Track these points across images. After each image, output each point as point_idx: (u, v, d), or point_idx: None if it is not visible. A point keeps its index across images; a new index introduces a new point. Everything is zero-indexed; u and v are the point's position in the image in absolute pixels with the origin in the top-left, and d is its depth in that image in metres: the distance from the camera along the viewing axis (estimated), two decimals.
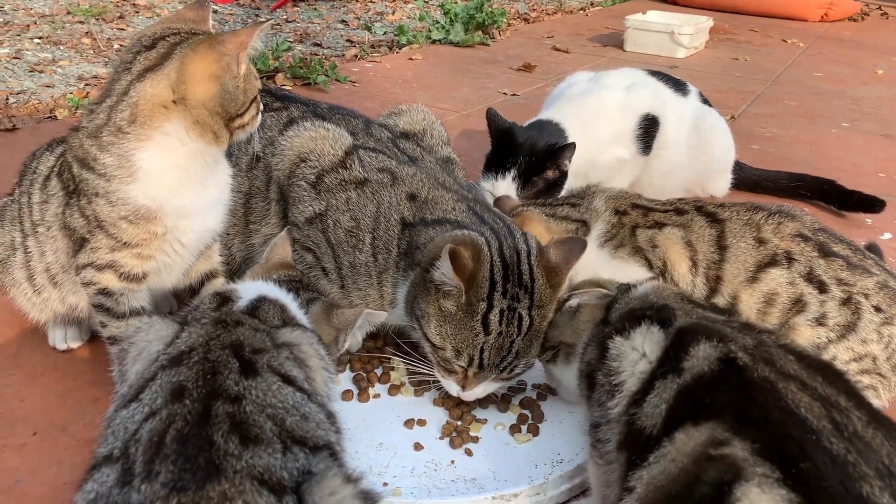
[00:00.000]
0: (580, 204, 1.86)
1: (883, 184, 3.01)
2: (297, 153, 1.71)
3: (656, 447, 1.01)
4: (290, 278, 1.53)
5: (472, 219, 1.58)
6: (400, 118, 1.97)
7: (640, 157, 2.52)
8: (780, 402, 0.97)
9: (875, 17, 7.36)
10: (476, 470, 1.44)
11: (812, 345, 1.60)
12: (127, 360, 1.20)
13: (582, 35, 5.73)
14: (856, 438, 0.93)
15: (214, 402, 0.98)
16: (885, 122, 3.85)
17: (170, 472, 0.89)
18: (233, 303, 1.26)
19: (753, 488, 0.87)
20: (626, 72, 2.66)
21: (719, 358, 1.06)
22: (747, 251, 1.69)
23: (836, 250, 1.67)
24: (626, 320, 1.24)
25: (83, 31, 4.65)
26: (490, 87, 4.14)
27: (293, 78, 3.88)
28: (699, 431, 0.97)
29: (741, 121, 3.73)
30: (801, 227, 1.70)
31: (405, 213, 1.62)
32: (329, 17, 5.74)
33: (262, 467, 0.91)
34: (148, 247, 1.49)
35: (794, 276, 1.64)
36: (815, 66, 5.09)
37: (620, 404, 1.14)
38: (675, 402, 1.04)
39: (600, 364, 1.23)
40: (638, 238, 1.77)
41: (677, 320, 1.19)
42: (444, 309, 1.45)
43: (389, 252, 1.62)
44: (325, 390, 1.19)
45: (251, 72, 1.47)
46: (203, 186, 1.50)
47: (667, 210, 1.82)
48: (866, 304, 1.60)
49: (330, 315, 1.45)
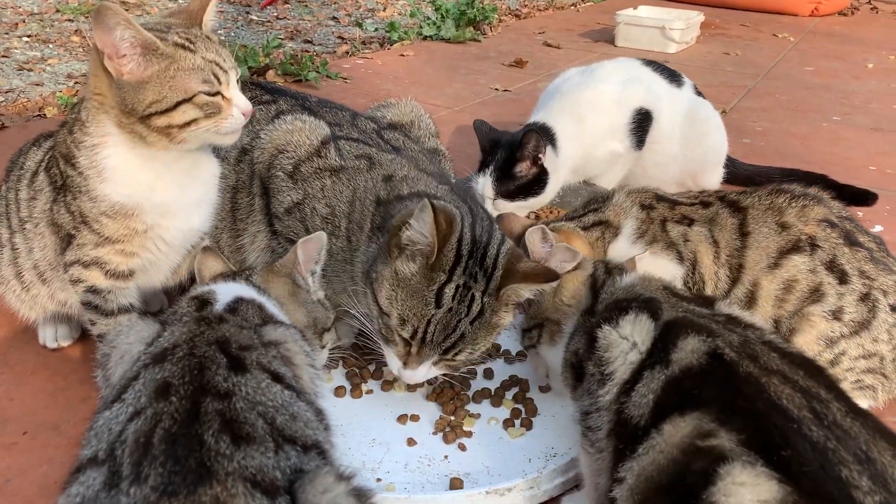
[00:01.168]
0: (601, 207, 1.79)
1: (874, 177, 3.01)
2: (275, 146, 1.72)
3: (645, 438, 1.03)
4: (225, 275, 1.44)
5: (452, 197, 1.58)
6: (388, 110, 1.98)
7: (633, 152, 2.52)
8: (763, 395, 1.00)
9: (865, 11, 7.38)
10: (470, 465, 1.44)
11: (825, 338, 1.55)
12: (110, 363, 1.18)
13: (573, 31, 5.73)
14: (835, 427, 0.97)
15: (203, 398, 0.96)
16: (875, 116, 3.86)
17: (159, 474, 0.87)
18: (212, 305, 1.25)
19: (737, 466, 0.91)
20: (620, 63, 2.65)
21: (707, 352, 1.09)
22: (770, 237, 1.62)
23: (862, 241, 1.61)
24: (613, 310, 1.25)
25: (72, 29, 4.62)
26: (481, 83, 4.13)
27: (284, 75, 3.86)
28: (686, 422, 0.99)
29: (732, 115, 3.74)
30: (827, 213, 1.63)
31: (380, 193, 1.61)
32: (320, 14, 5.73)
33: (254, 468, 0.88)
34: (130, 243, 1.47)
35: (815, 263, 1.57)
36: (805, 60, 5.10)
37: (611, 392, 1.16)
38: (662, 393, 1.07)
39: (589, 354, 1.24)
40: (670, 233, 1.70)
41: (664, 313, 1.21)
42: (401, 273, 1.42)
43: (362, 230, 1.61)
44: (311, 388, 1.18)
45: (169, 69, 1.33)
46: (183, 185, 1.47)
47: (693, 203, 1.75)
48: (884, 301, 1.55)
49: (273, 269, 1.43)
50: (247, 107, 1.43)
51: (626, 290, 1.33)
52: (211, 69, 1.37)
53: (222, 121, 1.39)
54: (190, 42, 1.37)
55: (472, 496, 1.33)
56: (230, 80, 1.40)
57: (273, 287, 1.40)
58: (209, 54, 1.37)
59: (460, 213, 1.47)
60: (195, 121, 1.37)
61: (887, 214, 2.66)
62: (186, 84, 1.34)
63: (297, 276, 1.42)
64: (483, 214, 1.57)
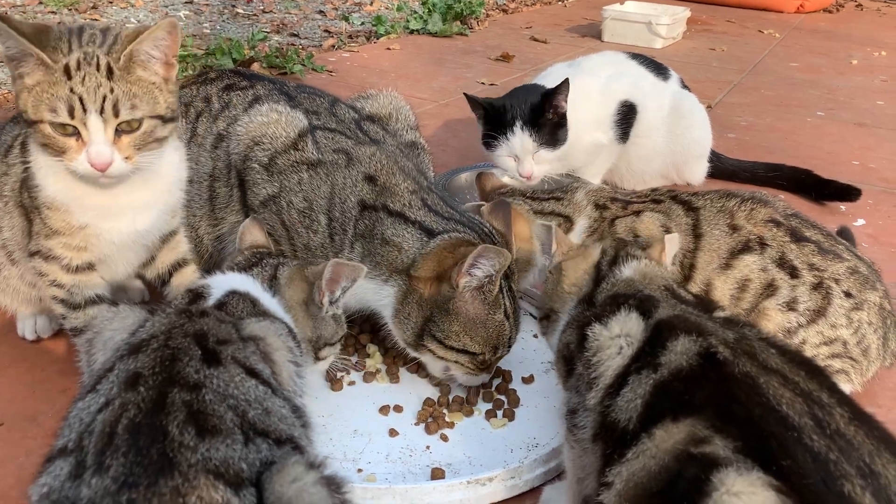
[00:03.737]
0: (563, 198, 1.85)
1: (857, 171, 3.03)
2: (250, 137, 1.70)
3: (635, 442, 0.99)
4: (256, 252, 1.47)
5: (430, 216, 1.58)
6: (367, 102, 1.97)
7: (617, 144, 2.52)
8: (761, 399, 0.95)
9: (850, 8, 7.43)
10: (451, 455, 1.44)
11: (782, 329, 1.60)
12: (94, 350, 1.17)
13: (560, 26, 5.73)
14: (837, 436, 0.91)
15: (171, 389, 0.94)
16: (859, 112, 3.89)
17: (121, 465, 0.85)
18: (205, 299, 1.24)
19: (731, 472, 0.86)
20: (607, 55, 2.65)
21: (699, 353, 1.04)
22: (721, 238, 1.68)
23: (808, 235, 1.67)
24: (608, 305, 1.21)
25: (56, 21, 4.57)
26: (468, 76, 4.13)
27: (269, 67, 3.84)
28: (679, 428, 0.95)
29: (718, 110, 3.75)
30: (773, 213, 1.69)
31: (365, 195, 1.61)
32: (306, 8, 5.70)
33: (218, 460, 0.87)
34: (73, 237, 1.42)
35: (766, 261, 1.64)
36: (790, 56, 5.12)
37: (597, 396, 1.12)
38: (651, 398, 1.03)
39: (580, 351, 1.20)
40: (617, 228, 1.75)
41: (657, 312, 1.16)
42: (474, 316, 1.48)
43: (346, 232, 1.61)
44: (291, 385, 1.16)
45: (39, 84, 1.24)
46: (116, 193, 1.38)
47: (644, 200, 1.81)
48: (837, 289, 1.60)
49: (302, 271, 1.41)
50: (98, 159, 1.26)
51: (626, 283, 1.29)
52: (69, 101, 1.23)
53: (68, 160, 1.28)
54: (77, 66, 1.24)
55: (453, 486, 1.33)
56: (89, 122, 1.25)
57: (292, 287, 1.38)
58: (80, 87, 1.23)
59: (465, 234, 1.55)
60: (46, 147, 1.28)
61: (869, 209, 2.67)
62: (38, 105, 1.24)
63: (316, 290, 1.39)
64: (459, 215, 1.61)
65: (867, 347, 1.61)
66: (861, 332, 1.60)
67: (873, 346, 1.62)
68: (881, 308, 1.63)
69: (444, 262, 1.49)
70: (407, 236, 1.54)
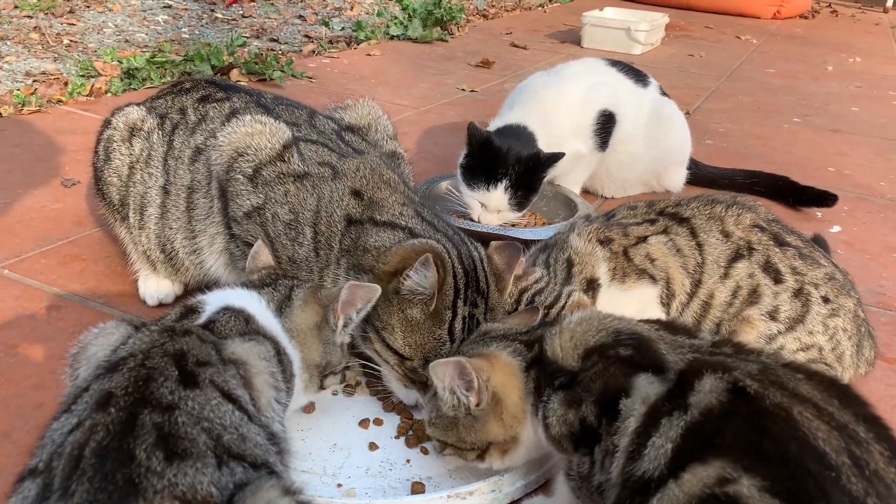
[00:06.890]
0: (571, 259, 1.69)
1: (833, 177, 3.07)
2: (234, 148, 1.68)
3: (659, 489, 0.93)
4: (272, 273, 1.46)
5: (423, 225, 1.58)
6: (346, 112, 1.95)
7: (596, 153, 2.53)
8: (796, 433, 0.90)
9: (825, 14, 7.53)
10: (432, 468, 1.43)
11: (763, 336, 1.62)
12: (78, 366, 1.15)
13: (540, 31, 5.75)
14: (876, 479, 0.86)
15: (142, 410, 0.93)
16: (834, 118, 3.94)
17: (86, 490, 0.84)
18: (197, 314, 1.22)
19: None
20: (586, 63, 2.66)
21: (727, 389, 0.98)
22: (718, 247, 1.67)
23: (789, 240, 1.68)
24: (613, 377, 1.10)
25: (31, 25, 4.51)
26: (448, 83, 4.13)
27: (248, 74, 3.82)
28: (707, 470, 0.90)
29: (696, 116, 3.78)
30: (756, 218, 1.70)
31: (351, 210, 1.60)
32: (286, 13, 5.67)
33: (185, 486, 0.86)
34: None
35: (753, 267, 1.64)
36: (767, 62, 5.18)
37: (618, 464, 1.05)
38: (682, 441, 0.96)
39: (602, 419, 1.09)
40: (634, 260, 1.69)
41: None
42: (411, 318, 1.46)
43: (331, 248, 1.60)
44: (269, 411, 1.14)
45: None
46: None
47: (640, 223, 1.74)
48: (815, 294, 1.62)
49: (316, 294, 1.40)
50: None
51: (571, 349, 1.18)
52: None
53: None
54: None
55: (433, 500, 1.32)
56: None
57: (306, 310, 1.37)
58: None
59: (443, 246, 1.50)
60: None
61: (845, 215, 2.71)
62: None
63: (330, 312, 1.39)
64: (455, 236, 1.59)
65: (841, 354, 1.63)
66: (836, 339, 1.62)
67: (847, 353, 1.64)
68: (856, 315, 1.65)
69: (407, 261, 1.47)
70: (392, 238, 1.53)
